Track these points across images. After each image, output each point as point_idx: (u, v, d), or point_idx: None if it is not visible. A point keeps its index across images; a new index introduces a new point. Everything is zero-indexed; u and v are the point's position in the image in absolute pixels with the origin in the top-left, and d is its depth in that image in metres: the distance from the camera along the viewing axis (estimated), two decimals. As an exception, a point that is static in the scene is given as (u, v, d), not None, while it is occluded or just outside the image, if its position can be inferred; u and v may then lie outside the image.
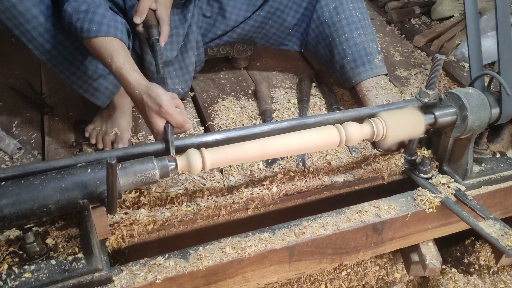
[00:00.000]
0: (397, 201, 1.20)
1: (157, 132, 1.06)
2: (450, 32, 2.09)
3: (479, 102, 1.15)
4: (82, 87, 1.33)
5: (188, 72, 1.52)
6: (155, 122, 1.05)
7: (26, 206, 0.86)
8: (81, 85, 1.32)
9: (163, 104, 1.03)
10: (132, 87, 1.08)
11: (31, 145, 1.39)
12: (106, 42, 1.11)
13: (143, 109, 1.07)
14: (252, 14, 1.53)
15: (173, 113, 1.04)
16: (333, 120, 1.15)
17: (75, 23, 1.13)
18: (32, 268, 0.93)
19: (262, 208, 1.22)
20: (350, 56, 1.50)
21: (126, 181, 0.93)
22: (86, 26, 1.12)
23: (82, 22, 1.12)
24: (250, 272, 1.08)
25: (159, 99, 1.03)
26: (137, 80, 1.08)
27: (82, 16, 1.12)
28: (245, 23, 1.55)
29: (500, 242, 1.06)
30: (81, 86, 1.33)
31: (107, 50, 1.11)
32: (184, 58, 1.50)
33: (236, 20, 1.54)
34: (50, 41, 1.23)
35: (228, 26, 1.55)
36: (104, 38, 1.12)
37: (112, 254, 1.10)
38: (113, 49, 1.11)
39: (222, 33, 1.57)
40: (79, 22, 1.12)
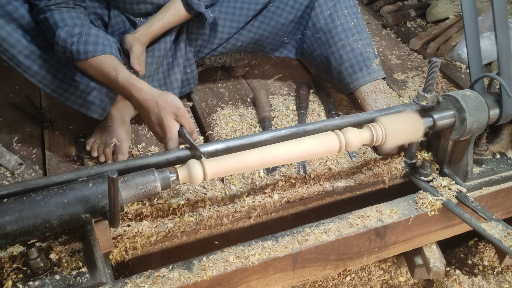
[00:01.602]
0: (399, 205, 1.20)
1: (171, 135, 1.09)
2: (446, 34, 2.10)
3: (477, 104, 1.16)
4: (76, 102, 1.34)
5: (172, 89, 1.54)
6: (170, 125, 1.08)
7: (29, 223, 0.86)
8: (75, 101, 1.33)
9: (180, 107, 1.07)
10: (144, 92, 1.11)
11: (32, 160, 1.39)
12: (105, 59, 1.14)
13: (155, 114, 1.09)
14: (245, 25, 1.54)
15: (188, 117, 1.09)
16: (332, 126, 1.15)
17: (70, 47, 1.15)
18: (37, 284, 0.92)
19: (264, 216, 1.22)
20: (347, 62, 1.50)
21: (128, 194, 0.94)
22: (82, 48, 1.15)
23: (78, 45, 1.14)
24: (255, 281, 1.08)
25: (176, 102, 1.08)
26: (148, 86, 1.12)
27: (76, 39, 1.15)
28: (239, 33, 1.56)
29: (503, 243, 1.06)
30: (75, 102, 1.33)
31: (109, 65, 1.14)
32: (169, 74, 1.52)
33: (229, 33, 1.55)
34: (37, 62, 1.24)
35: (222, 39, 1.57)
36: (101, 56, 1.15)
37: (116, 267, 1.10)
38: (115, 63, 1.14)
39: (216, 46, 1.59)
40: (75, 45, 1.15)
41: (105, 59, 1.15)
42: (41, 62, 1.24)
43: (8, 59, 1.22)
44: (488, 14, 2.01)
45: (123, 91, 1.14)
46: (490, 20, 1.97)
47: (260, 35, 1.58)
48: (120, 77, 1.13)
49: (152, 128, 1.13)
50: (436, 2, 2.25)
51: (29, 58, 1.22)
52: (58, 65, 1.26)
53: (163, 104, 1.08)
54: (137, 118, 1.56)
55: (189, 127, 1.10)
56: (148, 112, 1.11)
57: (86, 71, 1.19)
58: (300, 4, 1.53)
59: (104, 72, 1.15)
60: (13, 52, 1.20)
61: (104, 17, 1.34)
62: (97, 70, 1.15)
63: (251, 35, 1.57)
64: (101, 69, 1.15)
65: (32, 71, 1.24)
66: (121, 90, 1.15)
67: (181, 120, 1.09)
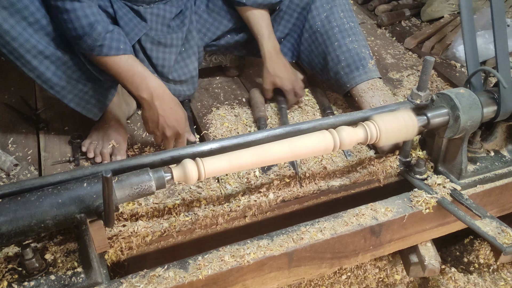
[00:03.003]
0: (394, 203, 1.21)
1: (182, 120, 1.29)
2: (440, 33, 2.11)
3: (471, 102, 1.16)
4: (73, 101, 1.34)
5: (192, 77, 1.55)
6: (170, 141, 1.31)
7: (24, 223, 0.87)
8: (72, 99, 1.33)
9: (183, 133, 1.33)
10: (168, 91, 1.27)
11: (28, 161, 1.39)
12: (132, 58, 1.24)
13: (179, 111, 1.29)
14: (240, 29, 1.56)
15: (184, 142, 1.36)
16: (326, 125, 1.16)
17: (103, 41, 1.20)
18: (32, 284, 0.93)
19: (259, 215, 1.22)
20: (344, 61, 1.51)
21: (123, 194, 0.94)
22: (115, 44, 1.21)
23: (111, 41, 1.21)
24: (250, 280, 1.08)
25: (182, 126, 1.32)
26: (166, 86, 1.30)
27: (109, 35, 1.21)
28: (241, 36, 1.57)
29: (497, 240, 1.06)
30: (72, 100, 1.33)
31: (137, 64, 1.24)
32: (187, 64, 1.52)
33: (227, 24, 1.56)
34: (37, 57, 1.23)
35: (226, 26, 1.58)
36: (129, 55, 1.24)
37: (112, 267, 1.10)
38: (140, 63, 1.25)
39: (220, 33, 1.59)
40: (107, 40, 1.20)
41: (131, 58, 1.23)
42: (41, 57, 1.23)
43: (8, 53, 1.21)
44: (482, 13, 2.02)
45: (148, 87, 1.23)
46: (484, 19, 1.98)
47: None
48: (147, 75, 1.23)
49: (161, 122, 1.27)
50: (430, 1, 2.26)
51: (30, 52, 1.22)
52: (58, 62, 1.26)
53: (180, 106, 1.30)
54: (132, 118, 1.56)
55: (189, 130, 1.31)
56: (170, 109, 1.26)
57: (107, 65, 1.23)
58: (296, 6, 1.55)
59: (131, 68, 1.22)
60: (14, 45, 1.20)
61: (108, 8, 1.34)
62: (123, 66, 1.22)
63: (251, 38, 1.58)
64: (128, 65, 1.22)
65: (32, 66, 1.24)
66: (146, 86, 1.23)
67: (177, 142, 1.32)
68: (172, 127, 1.28)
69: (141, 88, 1.23)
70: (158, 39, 1.41)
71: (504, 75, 1.19)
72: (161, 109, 1.25)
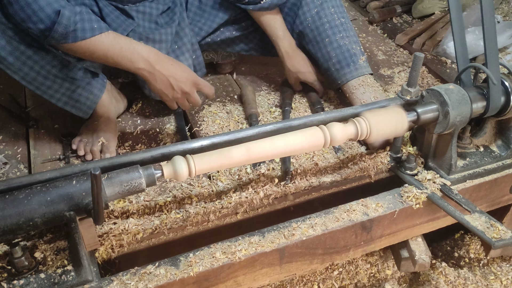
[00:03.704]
0: (384, 198, 1.22)
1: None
2: (431, 30, 2.12)
3: (460, 98, 1.17)
4: (61, 100, 1.33)
5: None
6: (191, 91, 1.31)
7: (12, 221, 0.86)
8: (59, 98, 1.32)
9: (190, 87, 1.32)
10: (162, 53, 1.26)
11: (17, 160, 1.38)
12: (112, 34, 1.19)
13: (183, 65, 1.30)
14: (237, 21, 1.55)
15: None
16: (317, 122, 1.16)
17: (75, 25, 1.14)
18: (22, 282, 0.92)
19: (251, 212, 1.22)
20: (334, 58, 1.51)
21: (113, 191, 0.94)
22: (88, 26, 1.15)
23: (83, 23, 1.14)
24: (242, 276, 1.08)
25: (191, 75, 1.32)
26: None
27: (79, 18, 1.14)
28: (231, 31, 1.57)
29: (486, 234, 1.07)
30: (60, 99, 1.32)
31: (120, 37, 1.20)
32: (180, 61, 1.50)
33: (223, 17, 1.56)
34: (20, 58, 1.22)
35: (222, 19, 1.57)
36: (106, 33, 1.18)
37: (102, 265, 1.10)
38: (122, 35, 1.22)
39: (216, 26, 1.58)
40: (79, 23, 1.14)
41: (110, 34, 1.18)
42: (24, 58, 1.22)
43: None
44: (473, 9, 2.04)
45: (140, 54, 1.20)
46: (474, 15, 1.99)
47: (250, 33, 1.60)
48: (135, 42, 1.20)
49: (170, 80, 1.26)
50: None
51: (12, 54, 1.20)
52: (42, 62, 1.25)
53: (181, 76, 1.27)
54: (123, 116, 1.55)
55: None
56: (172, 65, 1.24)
57: (89, 49, 1.18)
58: (287, 0, 1.54)
59: (114, 44, 1.17)
60: None
61: (93, 7, 1.32)
62: (105, 45, 1.17)
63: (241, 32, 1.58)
64: (111, 41, 1.17)
65: (15, 68, 1.22)
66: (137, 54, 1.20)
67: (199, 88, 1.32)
68: (186, 80, 1.26)
69: (135, 60, 1.21)
70: (146, 35, 1.39)
71: (493, 72, 1.20)
72: (166, 70, 1.24)
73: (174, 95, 1.29)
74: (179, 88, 1.26)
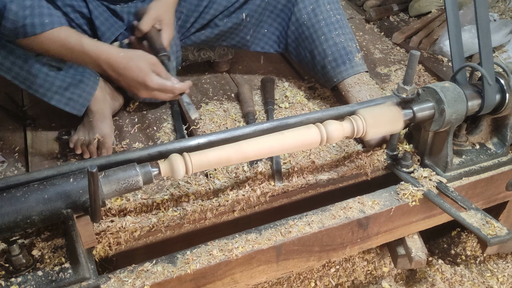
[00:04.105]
0: (381, 196, 1.22)
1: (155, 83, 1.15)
2: (428, 28, 2.12)
3: (456, 95, 1.18)
4: (54, 98, 1.32)
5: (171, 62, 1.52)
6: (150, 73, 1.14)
7: (9, 219, 0.86)
8: (52, 97, 1.32)
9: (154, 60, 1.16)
10: (115, 52, 1.14)
11: (15, 158, 1.38)
12: (63, 30, 1.12)
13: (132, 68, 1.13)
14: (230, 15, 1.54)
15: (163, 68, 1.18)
16: (313, 119, 1.16)
17: (24, 20, 1.08)
18: (19, 280, 0.92)
19: (248, 209, 1.23)
20: (330, 56, 1.52)
21: (110, 189, 0.94)
22: (37, 21, 1.09)
23: (32, 18, 1.08)
24: (239, 274, 1.09)
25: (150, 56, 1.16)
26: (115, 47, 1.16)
27: (29, 12, 1.08)
28: (224, 24, 1.56)
29: (482, 231, 1.08)
30: (52, 98, 1.32)
31: (73, 35, 1.12)
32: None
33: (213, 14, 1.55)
34: (8, 58, 1.20)
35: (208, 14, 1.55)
36: (59, 28, 1.11)
37: (100, 262, 1.10)
38: (76, 33, 1.14)
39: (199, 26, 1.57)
40: (29, 18, 1.08)
41: (63, 30, 1.11)
42: (13, 58, 1.21)
43: None
44: (469, 8, 2.04)
45: (90, 56, 1.12)
46: (471, 14, 2.00)
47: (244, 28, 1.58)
48: (85, 44, 1.11)
49: (132, 84, 1.14)
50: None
51: (1, 54, 1.19)
52: (31, 60, 1.24)
53: (136, 57, 1.11)
54: (120, 114, 1.56)
55: (165, 75, 1.15)
56: (123, 69, 1.11)
57: (42, 45, 1.12)
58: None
59: (66, 42, 1.10)
60: None
61: (82, 9, 1.32)
62: (57, 41, 1.11)
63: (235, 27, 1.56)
64: (61, 39, 1.10)
65: (6, 67, 1.22)
66: (88, 55, 1.12)
67: (157, 70, 1.14)
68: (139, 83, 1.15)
69: (86, 62, 1.15)
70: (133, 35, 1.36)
71: (488, 71, 1.21)
72: (117, 74, 1.15)
73: (140, 94, 1.20)
74: (136, 90, 1.17)
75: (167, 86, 1.15)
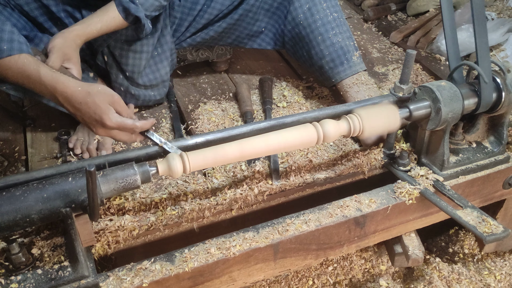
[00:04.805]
0: (378, 194, 1.23)
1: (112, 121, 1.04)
2: (425, 27, 2.13)
3: (452, 94, 1.18)
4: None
5: (163, 82, 1.54)
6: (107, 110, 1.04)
7: (9, 218, 0.87)
8: None
9: (114, 94, 1.05)
10: (72, 85, 1.05)
11: (15, 158, 1.39)
12: (22, 57, 1.07)
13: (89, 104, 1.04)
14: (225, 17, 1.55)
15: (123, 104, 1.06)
16: (310, 119, 1.17)
17: None
18: (19, 278, 0.93)
19: (246, 208, 1.24)
20: (328, 56, 1.52)
21: (108, 188, 0.95)
22: None
23: None
24: (236, 272, 1.10)
25: (109, 90, 1.06)
26: (74, 80, 1.07)
27: None
28: (219, 25, 1.56)
29: (478, 229, 1.09)
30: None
31: (31, 64, 1.07)
32: (158, 68, 1.51)
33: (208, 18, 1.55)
34: None
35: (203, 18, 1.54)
36: (18, 55, 1.07)
37: (99, 260, 1.11)
38: (33, 61, 1.08)
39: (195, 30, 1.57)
40: None
41: (21, 57, 1.06)
42: None
43: None
44: (466, 7, 2.05)
45: (47, 88, 1.06)
46: (468, 13, 2.00)
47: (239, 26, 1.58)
48: (42, 74, 1.05)
49: (88, 121, 1.07)
50: (416, -4, 2.29)
51: None
52: None
53: (95, 93, 1.03)
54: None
55: (126, 113, 1.06)
56: (79, 104, 1.04)
57: (0, 71, 1.09)
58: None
59: (23, 70, 1.06)
60: None
61: (76, 14, 1.32)
62: (14, 69, 1.06)
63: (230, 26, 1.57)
64: (18, 67, 1.06)
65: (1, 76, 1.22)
66: (44, 87, 1.06)
67: (117, 107, 1.05)
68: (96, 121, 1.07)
69: (43, 93, 1.09)
70: (127, 45, 1.37)
71: (485, 69, 1.21)
72: (73, 108, 1.08)
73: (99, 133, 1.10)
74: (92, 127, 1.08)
75: (127, 125, 1.05)
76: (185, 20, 1.56)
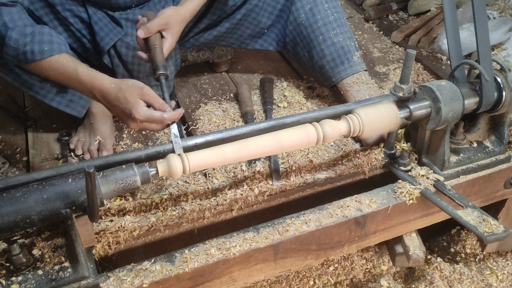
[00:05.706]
0: (378, 194, 1.23)
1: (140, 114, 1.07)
2: (427, 27, 2.12)
3: (452, 94, 1.18)
4: (54, 100, 1.34)
5: (168, 81, 1.53)
6: (137, 103, 1.07)
7: (9, 219, 0.88)
8: (53, 98, 1.33)
9: (143, 86, 1.08)
10: (107, 82, 1.10)
11: (16, 159, 1.40)
12: (61, 57, 1.13)
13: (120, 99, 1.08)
14: (228, 17, 1.55)
15: (154, 95, 1.09)
16: (310, 119, 1.17)
17: (24, 48, 1.11)
18: (20, 279, 0.94)
19: (246, 208, 1.24)
20: (328, 56, 1.52)
21: (108, 189, 0.95)
22: (37, 48, 1.11)
23: (32, 45, 1.11)
24: (237, 272, 1.10)
25: (138, 83, 1.09)
26: (109, 77, 1.12)
27: (29, 39, 1.12)
28: (221, 26, 1.57)
29: (478, 228, 1.08)
30: (53, 99, 1.34)
31: (70, 63, 1.12)
32: None
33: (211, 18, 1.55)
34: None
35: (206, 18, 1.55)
36: (58, 55, 1.12)
37: (100, 261, 1.12)
38: (72, 60, 1.13)
39: (198, 30, 1.57)
40: (28, 45, 1.11)
41: (61, 57, 1.13)
42: None
43: None
44: (468, 6, 2.04)
45: (85, 85, 1.12)
46: (470, 12, 2.00)
47: (241, 26, 1.59)
48: (80, 72, 1.11)
49: (121, 115, 1.11)
50: (417, -5, 2.28)
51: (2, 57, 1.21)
52: None
53: (125, 87, 1.07)
54: (120, 115, 1.57)
55: (158, 103, 1.08)
56: (113, 100, 1.09)
57: (42, 72, 1.16)
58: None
59: (63, 70, 1.12)
60: None
61: (81, 13, 1.33)
62: (55, 69, 1.13)
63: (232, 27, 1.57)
64: (58, 67, 1.12)
65: (7, 70, 1.24)
66: (83, 85, 1.12)
67: (147, 99, 1.08)
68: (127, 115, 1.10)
69: (83, 91, 1.15)
70: (133, 45, 1.38)
71: (486, 68, 1.21)
72: (109, 104, 1.13)
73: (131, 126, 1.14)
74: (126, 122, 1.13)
75: (155, 118, 1.08)
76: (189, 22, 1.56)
